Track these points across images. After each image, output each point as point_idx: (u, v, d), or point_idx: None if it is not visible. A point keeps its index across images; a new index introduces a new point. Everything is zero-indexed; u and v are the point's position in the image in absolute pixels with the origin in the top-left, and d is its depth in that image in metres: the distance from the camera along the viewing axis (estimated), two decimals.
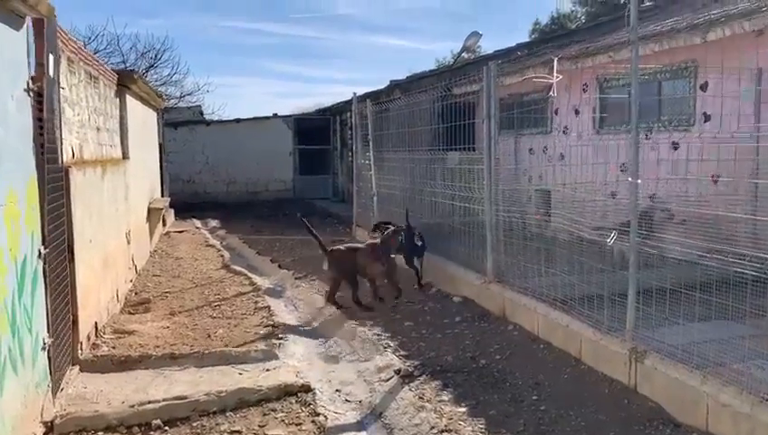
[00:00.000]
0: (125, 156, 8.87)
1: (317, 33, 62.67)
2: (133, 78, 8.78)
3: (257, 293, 8.23)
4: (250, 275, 9.38)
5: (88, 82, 6.68)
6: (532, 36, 22.86)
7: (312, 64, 64.39)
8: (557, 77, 6.34)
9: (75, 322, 5.27)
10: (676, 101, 9.16)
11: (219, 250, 11.88)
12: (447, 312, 7.20)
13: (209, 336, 6.43)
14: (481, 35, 16.51)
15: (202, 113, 24.94)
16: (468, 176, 7.99)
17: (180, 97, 27.34)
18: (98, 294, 6.32)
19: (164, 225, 14.42)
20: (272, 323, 6.79)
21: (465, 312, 7.12)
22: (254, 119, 22.19)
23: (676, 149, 7.22)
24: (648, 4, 14.39)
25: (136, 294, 8.37)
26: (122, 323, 6.82)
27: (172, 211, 16.72)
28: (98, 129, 7.11)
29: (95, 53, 11.92)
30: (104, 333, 6.40)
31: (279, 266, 10.19)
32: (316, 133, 22.22)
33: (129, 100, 9.36)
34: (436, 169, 9.14)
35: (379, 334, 6.51)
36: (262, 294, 8.17)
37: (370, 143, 11.06)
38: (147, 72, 25.20)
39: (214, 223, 16.48)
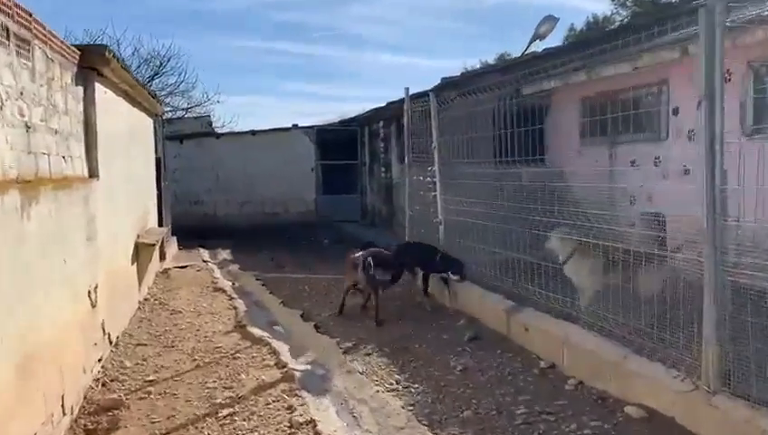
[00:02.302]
0: (92, 174, 5.98)
1: (333, 53, 60.09)
2: (105, 57, 5.88)
3: (290, 385, 5.27)
4: (275, 344, 6.44)
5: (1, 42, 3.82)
6: (566, 42, 19.82)
7: (328, 83, 61.73)
8: None
9: None
10: None
11: (231, 297, 8.95)
12: None
13: None
14: (557, 20, 13.55)
15: (211, 124, 22.13)
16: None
17: (187, 109, 24.63)
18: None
19: (162, 259, 11.53)
20: None
21: None
22: (271, 130, 19.34)
23: None
24: None
25: (103, 385, 5.45)
26: None
27: (174, 240, 13.85)
28: (27, 127, 4.22)
29: None
30: None
31: (316, 328, 7.21)
32: (341, 146, 19.33)
33: (103, 92, 6.50)
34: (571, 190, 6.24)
35: None
36: (297, 387, 5.20)
37: (435, 154, 8.13)
38: (151, 80, 22.53)
39: (224, 254, 13.55)
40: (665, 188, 8.67)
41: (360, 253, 7.83)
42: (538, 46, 13.53)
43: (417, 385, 5.27)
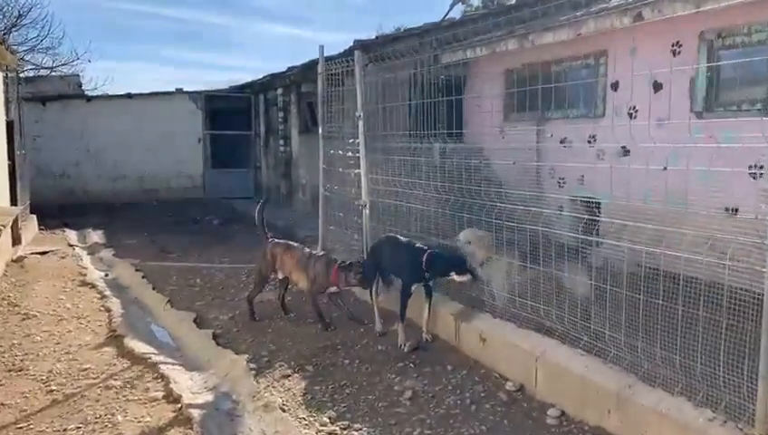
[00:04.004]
0: None
1: (214, 19, 56.39)
2: None
3: (186, 431, 3.86)
4: (163, 365, 4.96)
5: None
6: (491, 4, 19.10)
7: (211, 51, 57.87)
8: None
9: None
10: None
11: (103, 294, 7.26)
12: None
13: None
14: None
15: (81, 86, 19.43)
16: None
17: (52, 68, 21.58)
18: None
19: (16, 243, 9.49)
20: None
21: None
22: (152, 94, 17.14)
23: None
24: None
25: None
26: None
27: (33, 220, 11.69)
28: None
29: None
30: None
31: (215, 338, 5.73)
32: (233, 116, 17.48)
33: None
34: None
35: None
36: (198, 431, 3.81)
37: (360, 124, 6.81)
38: (8, 33, 19.40)
39: (96, 237, 11.56)
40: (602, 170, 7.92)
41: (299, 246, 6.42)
42: (457, 12, 12.48)
43: (358, 425, 4.02)
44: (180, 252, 9.96)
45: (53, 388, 4.59)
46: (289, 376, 4.80)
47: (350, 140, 7.26)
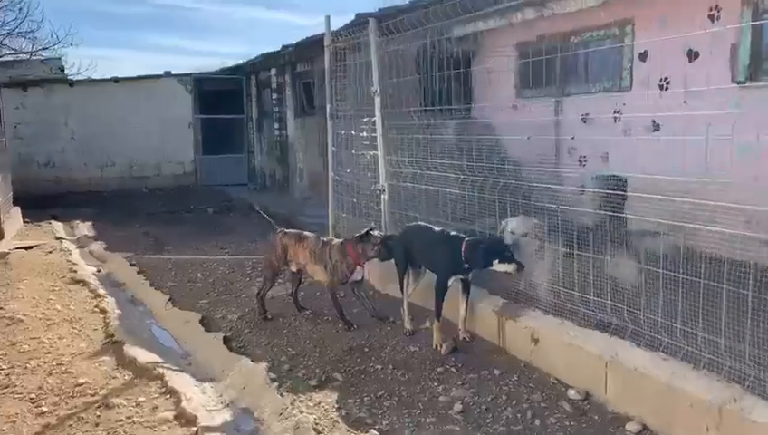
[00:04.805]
0: None
1: (204, 6, 54.96)
2: None
3: None
4: (172, 378, 4.34)
5: None
6: None
7: (200, 39, 56.56)
8: None
9: None
10: None
11: (96, 293, 6.60)
12: None
13: None
14: None
15: (63, 70, 18.55)
16: None
17: (32, 52, 20.60)
18: None
19: None
20: None
21: None
22: (139, 78, 16.32)
23: None
24: None
25: None
26: None
27: (17, 212, 10.97)
28: None
29: None
30: None
31: (226, 343, 5.07)
32: (224, 99, 16.76)
33: None
34: None
35: None
36: None
37: (376, 101, 6.16)
38: None
39: (84, 229, 10.86)
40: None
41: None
42: None
43: None
44: (176, 243, 9.29)
45: (45, 409, 3.96)
46: (317, 387, 4.19)
47: (365, 119, 6.61)
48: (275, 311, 5.80)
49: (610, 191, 4.36)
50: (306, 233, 5.79)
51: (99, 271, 7.83)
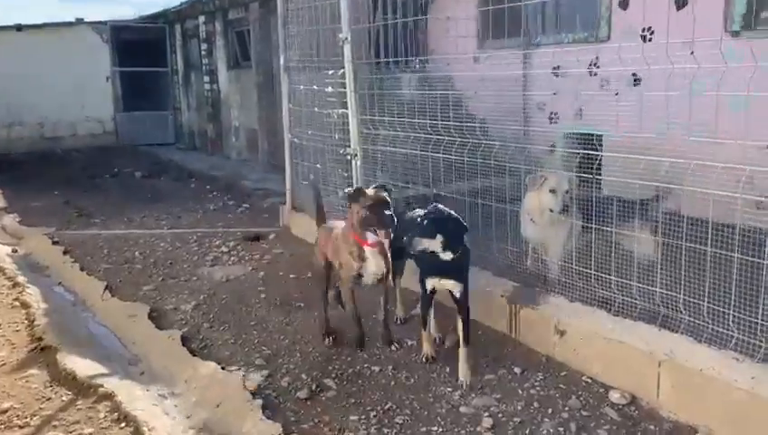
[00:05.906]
0: None
1: None
2: None
3: None
4: (125, 399, 3.48)
5: None
6: None
7: None
8: None
9: None
10: None
11: (15, 281, 5.53)
12: None
13: None
14: None
15: None
16: None
17: None
18: None
19: None
20: None
21: None
22: (47, 25, 14.55)
23: None
24: None
25: None
26: None
27: None
28: None
29: None
30: None
31: (185, 344, 4.21)
32: (146, 50, 15.22)
33: None
34: None
35: None
36: None
37: (346, 50, 5.26)
38: None
39: None
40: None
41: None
42: None
43: None
44: (104, 215, 8.17)
45: None
46: (309, 400, 3.45)
47: (329, 72, 5.73)
48: (234, 296, 4.99)
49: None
50: (332, 222, 4.37)
51: (14, 251, 6.69)
